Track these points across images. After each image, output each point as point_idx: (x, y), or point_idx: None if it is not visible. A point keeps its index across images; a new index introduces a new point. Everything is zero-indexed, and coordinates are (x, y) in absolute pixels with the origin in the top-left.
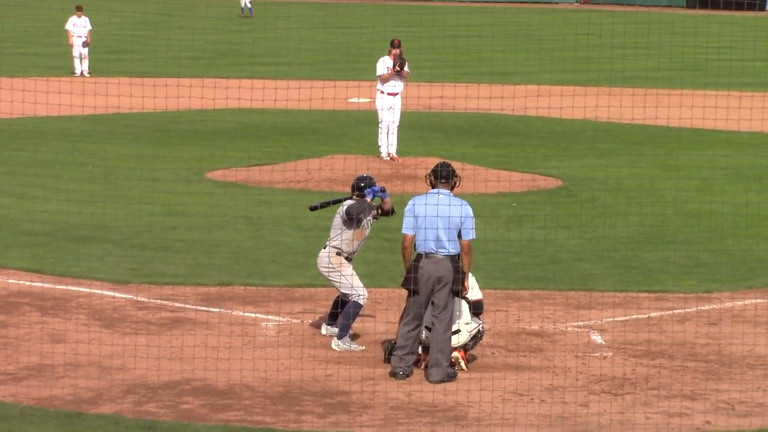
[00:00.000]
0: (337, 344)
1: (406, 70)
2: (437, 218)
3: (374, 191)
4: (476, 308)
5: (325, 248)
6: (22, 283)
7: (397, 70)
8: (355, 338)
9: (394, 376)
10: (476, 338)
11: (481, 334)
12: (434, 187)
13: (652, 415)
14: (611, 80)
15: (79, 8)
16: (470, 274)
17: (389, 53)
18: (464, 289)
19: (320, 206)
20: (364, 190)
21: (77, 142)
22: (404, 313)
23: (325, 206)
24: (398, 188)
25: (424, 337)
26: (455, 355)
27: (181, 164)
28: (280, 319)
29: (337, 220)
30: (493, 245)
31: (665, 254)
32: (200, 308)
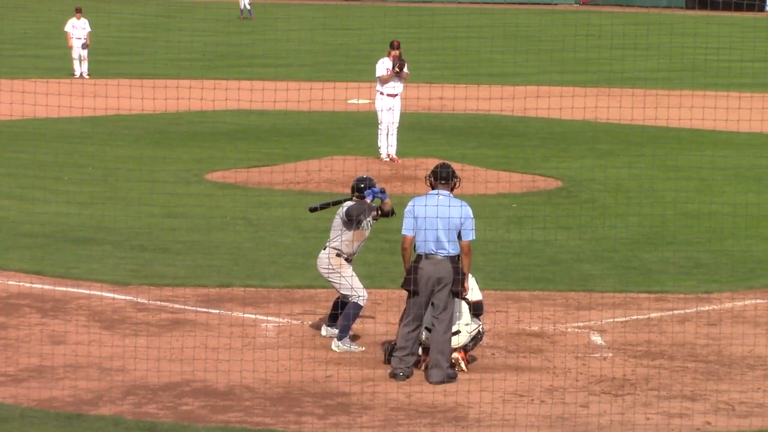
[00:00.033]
0: (337, 345)
1: (405, 71)
2: (437, 219)
3: (374, 192)
4: (476, 309)
5: (324, 249)
6: (22, 284)
7: (396, 71)
8: (355, 339)
9: (394, 377)
10: (476, 339)
11: (481, 335)
12: (434, 188)
13: (652, 415)
14: (611, 81)
15: (78, 10)
16: (470, 275)
17: (389, 54)
18: (464, 290)
19: (320, 207)
20: (363, 191)
21: (77, 143)
22: (404, 314)
23: (324, 207)
24: (398, 189)
25: (424, 338)
26: (455, 356)
27: (180, 166)
28: (280, 320)
29: (336, 221)
30: (492, 246)
31: (665, 255)
32: (200, 309)
